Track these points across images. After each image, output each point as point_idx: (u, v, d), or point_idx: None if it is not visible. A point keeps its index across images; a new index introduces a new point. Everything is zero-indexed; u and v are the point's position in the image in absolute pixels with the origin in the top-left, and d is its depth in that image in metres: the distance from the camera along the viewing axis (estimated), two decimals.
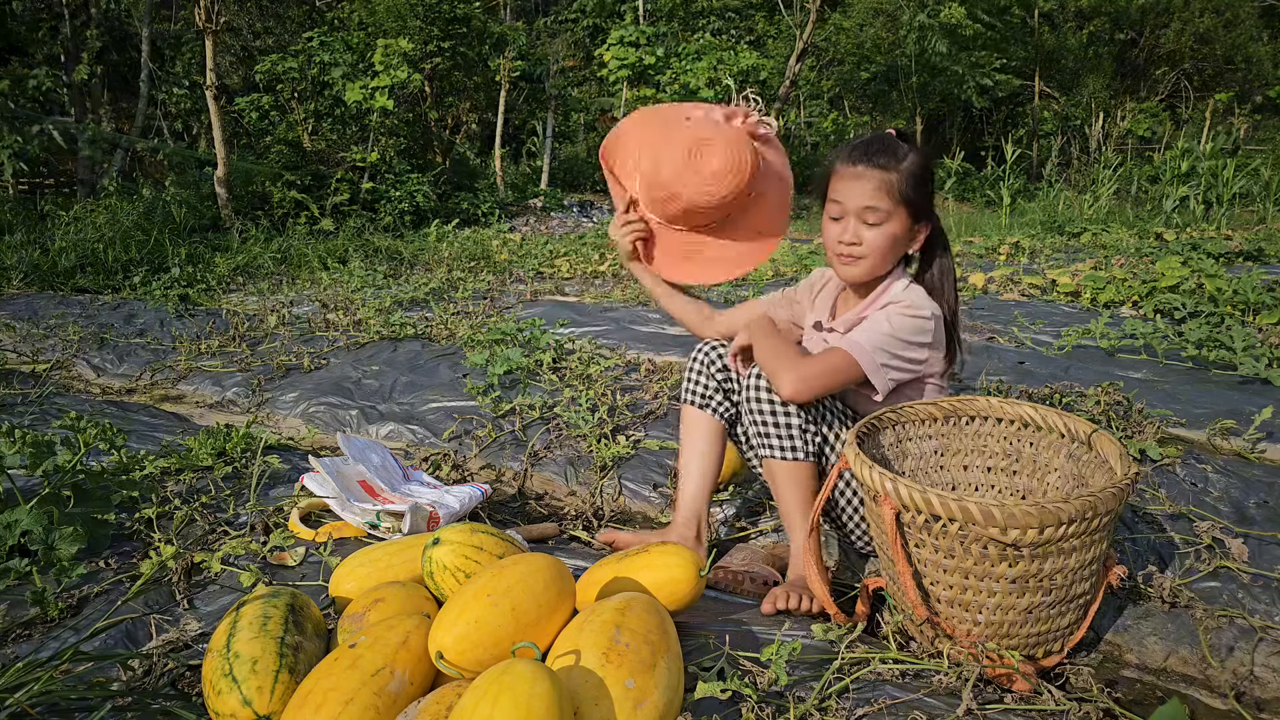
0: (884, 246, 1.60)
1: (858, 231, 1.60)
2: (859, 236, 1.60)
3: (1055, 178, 11.09)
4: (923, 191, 1.60)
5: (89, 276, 5.03)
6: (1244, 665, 1.46)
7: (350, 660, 1.12)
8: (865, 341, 1.55)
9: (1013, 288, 4.62)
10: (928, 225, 1.65)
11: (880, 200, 1.57)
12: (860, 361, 1.54)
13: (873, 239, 1.60)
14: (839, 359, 1.54)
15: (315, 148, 8.35)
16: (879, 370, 1.55)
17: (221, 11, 6.20)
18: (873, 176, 1.57)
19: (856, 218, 1.60)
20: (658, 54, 10.75)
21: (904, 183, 1.57)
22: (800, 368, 1.53)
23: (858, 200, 1.59)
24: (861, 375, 1.55)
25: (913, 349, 1.58)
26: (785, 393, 1.53)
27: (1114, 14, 15.23)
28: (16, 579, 1.57)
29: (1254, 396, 2.57)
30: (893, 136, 1.62)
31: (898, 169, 1.57)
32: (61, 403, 2.93)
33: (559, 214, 9.35)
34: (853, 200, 1.59)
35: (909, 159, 1.58)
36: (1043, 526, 1.23)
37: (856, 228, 1.60)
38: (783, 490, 1.63)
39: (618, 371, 3.06)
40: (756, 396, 1.61)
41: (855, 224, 1.60)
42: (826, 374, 1.54)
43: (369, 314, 4.03)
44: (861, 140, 1.63)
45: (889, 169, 1.57)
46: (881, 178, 1.57)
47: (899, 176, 1.56)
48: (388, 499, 1.88)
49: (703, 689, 1.20)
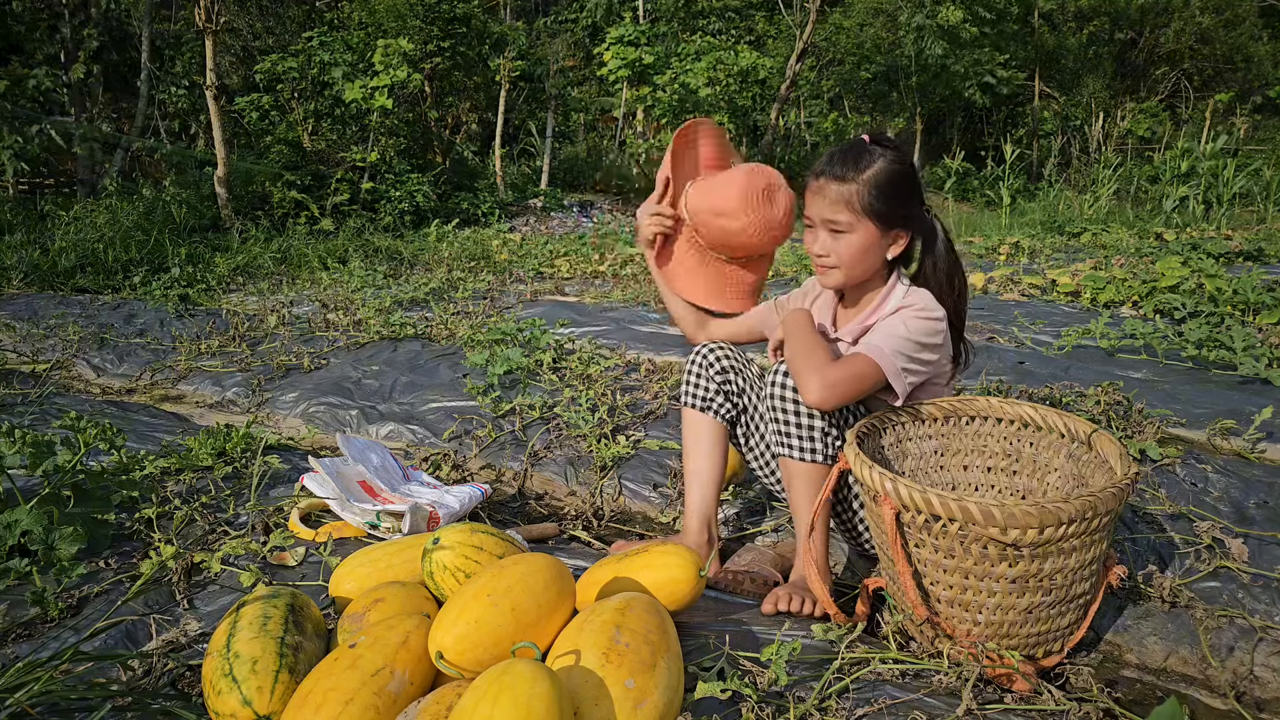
0: (852, 256, 1.59)
1: (825, 242, 1.61)
2: (826, 248, 1.61)
3: (1055, 178, 11.09)
4: (892, 199, 1.57)
5: (89, 276, 5.03)
6: (1244, 665, 1.46)
7: (350, 660, 1.12)
8: (886, 346, 1.53)
9: (1013, 288, 4.62)
10: (906, 230, 1.63)
11: (839, 213, 1.57)
12: (883, 366, 1.52)
13: (840, 249, 1.60)
14: (864, 365, 1.52)
15: (315, 148, 8.34)
16: (900, 375, 1.53)
17: (221, 11, 6.19)
18: (830, 189, 1.57)
19: (823, 229, 1.61)
20: (657, 53, 10.75)
21: (866, 193, 1.55)
22: (827, 374, 1.49)
23: (819, 212, 1.60)
24: (883, 380, 1.53)
25: (926, 351, 1.57)
26: (811, 399, 1.49)
27: (1114, 14, 15.23)
28: (16, 579, 1.57)
29: (1254, 396, 2.57)
30: (864, 143, 1.60)
31: (857, 180, 1.55)
32: (61, 403, 2.93)
33: (559, 214, 9.35)
34: (815, 212, 1.61)
35: (874, 167, 1.55)
36: (1043, 526, 1.23)
37: (824, 238, 1.61)
38: (796, 491, 1.61)
39: (618, 371, 3.06)
40: (782, 395, 1.58)
41: (824, 235, 1.61)
42: (852, 380, 1.51)
43: (369, 314, 4.03)
44: (831, 151, 1.63)
45: (847, 180, 1.55)
46: (838, 190, 1.56)
47: (859, 187, 1.55)
48: (388, 499, 1.88)
49: (703, 689, 1.20)
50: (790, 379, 1.58)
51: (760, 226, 1.76)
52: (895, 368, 1.53)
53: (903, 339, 1.54)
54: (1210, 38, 14.86)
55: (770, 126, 12.24)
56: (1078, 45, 15.29)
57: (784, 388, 1.58)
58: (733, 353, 1.85)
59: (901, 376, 1.54)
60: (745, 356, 1.88)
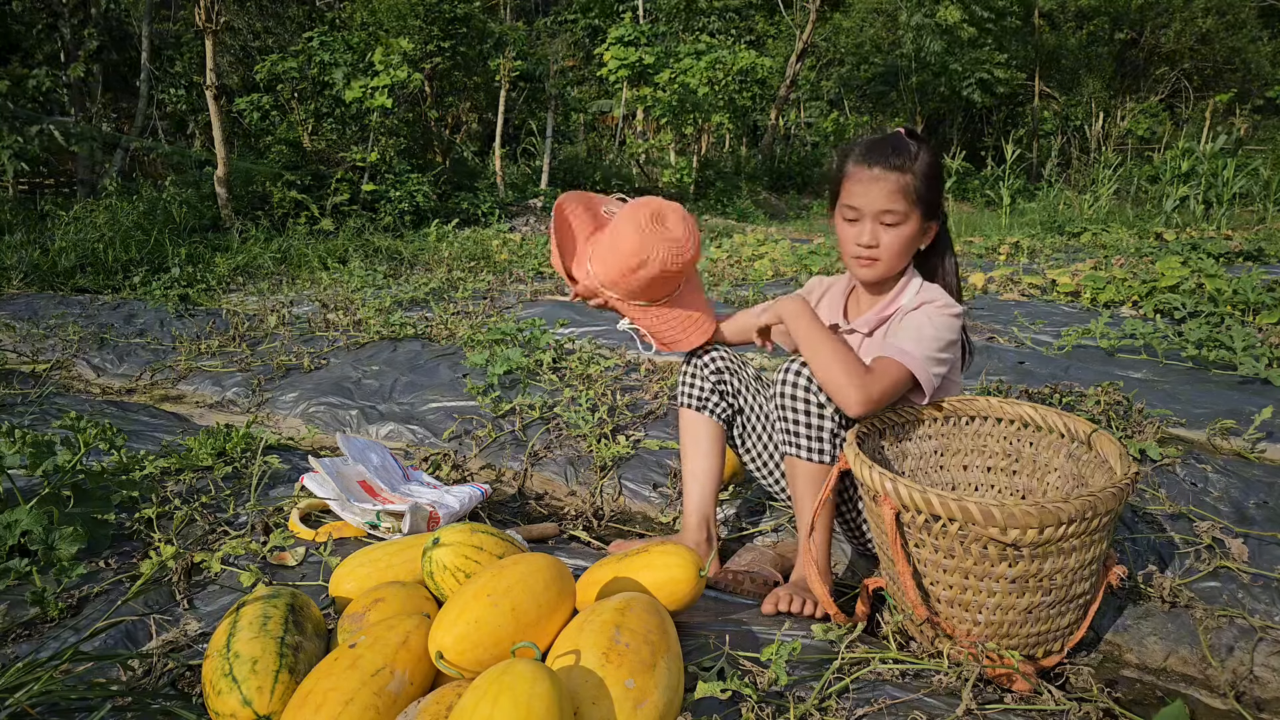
0: (900, 248, 1.59)
1: (875, 234, 1.58)
2: (876, 239, 1.58)
3: (1055, 178, 11.09)
4: (935, 190, 1.59)
5: (89, 276, 5.03)
6: (1244, 665, 1.46)
7: (350, 660, 1.12)
8: (915, 350, 1.53)
9: (1013, 288, 4.62)
10: (936, 221, 1.65)
11: (897, 203, 1.55)
12: (914, 370, 1.52)
13: (890, 241, 1.58)
14: (898, 371, 1.51)
15: (315, 148, 8.34)
16: (930, 376, 1.54)
17: (221, 11, 6.19)
18: (889, 179, 1.55)
19: (873, 220, 1.58)
20: (657, 53, 10.74)
21: (919, 183, 1.55)
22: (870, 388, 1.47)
23: (875, 203, 1.56)
24: (912, 381, 1.53)
25: (951, 346, 1.58)
26: (854, 412, 1.47)
27: (1114, 14, 15.23)
28: (16, 579, 1.57)
29: (1254, 396, 2.57)
30: (903, 136, 1.60)
31: (913, 169, 1.55)
32: (61, 403, 2.93)
33: None
34: (870, 203, 1.57)
35: (921, 158, 1.56)
36: (1042, 526, 1.23)
37: (874, 230, 1.58)
38: (800, 490, 1.61)
39: (618, 371, 3.06)
40: (793, 394, 1.57)
41: (872, 226, 1.58)
42: (889, 389, 1.50)
43: (369, 314, 4.03)
44: (874, 140, 1.60)
45: (904, 170, 1.55)
46: (898, 180, 1.54)
47: (914, 177, 1.55)
48: (388, 499, 1.88)
49: (703, 689, 1.20)
50: (801, 378, 1.56)
51: (667, 251, 1.70)
52: (927, 370, 1.53)
53: (931, 339, 1.54)
54: (1211, 38, 14.87)
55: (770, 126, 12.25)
56: (1078, 45, 15.30)
57: (794, 387, 1.57)
58: (728, 353, 1.85)
59: (932, 377, 1.54)
60: (741, 358, 1.88)
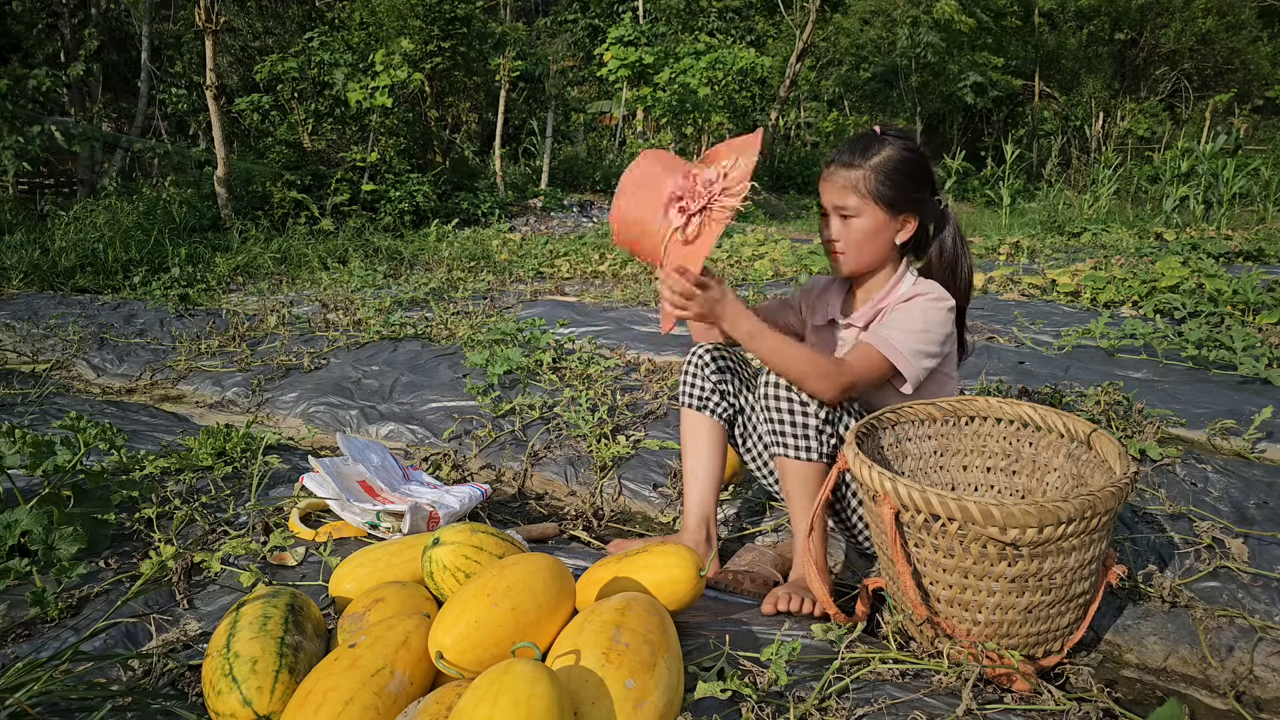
0: (860, 240, 1.66)
1: (835, 228, 1.68)
2: (838, 233, 1.68)
3: (1055, 178, 11.10)
4: (899, 184, 1.62)
5: (89, 276, 5.04)
6: (1244, 665, 1.46)
7: (350, 660, 1.12)
8: (898, 338, 1.58)
9: (1013, 288, 4.62)
10: (915, 215, 1.67)
11: (846, 198, 1.64)
12: (889, 356, 1.57)
13: (848, 234, 1.66)
14: (873, 356, 1.58)
15: (315, 148, 8.35)
16: (912, 363, 1.58)
17: (221, 11, 6.20)
18: (840, 175, 1.64)
19: (835, 215, 1.67)
20: (657, 53, 10.75)
21: (873, 177, 1.61)
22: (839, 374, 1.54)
23: (830, 198, 1.67)
24: (891, 369, 1.59)
25: (940, 339, 1.62)
26: (829, 397, 1.55)
27: (1114, 14, 15.23)
28: (16, 579, 1.57)
29: (1254, 396, 2.57)
30: (873, 133, 1.67)
31: (864, 165, 1.62)
32: (61, 403, 2.93)
33: (559, 214, 9.34)
34: (827, 199, 1.68)
35: (882, 154, 1.62)
36: (1042, 526, 1.23)
37: (835, 224, 1.68)
38: (792, 490, 1.62)
39: (618, 371, 3.06)
40: (775, 394, 1.59)
41: (835, 221, 1.68)
42: (864, 371, 1.57)
43: (369, 314, 4.03)
44: (848, 139, 1.70)
45: (854, 166, 1.63)
46: (846, 175, 1.63)
47: (866, 172, 1.62)
48: (388, 499, 1.88)
49: (703, 689, 1.20)
50: (783, 379, 1.59)
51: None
52: (909, 359, 1.58)
53: (919, 330, 1.59)
54: (1211, 39, 14.88)
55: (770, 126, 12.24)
56: (1078, 45, 15.30)
57: (777, 386, 1.59)
58: (729, 353, 1.85)
59: (915, 366, 1.58)
60: (742, 357, 1.88)
